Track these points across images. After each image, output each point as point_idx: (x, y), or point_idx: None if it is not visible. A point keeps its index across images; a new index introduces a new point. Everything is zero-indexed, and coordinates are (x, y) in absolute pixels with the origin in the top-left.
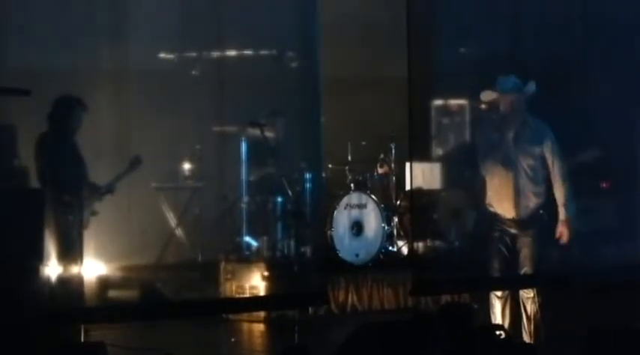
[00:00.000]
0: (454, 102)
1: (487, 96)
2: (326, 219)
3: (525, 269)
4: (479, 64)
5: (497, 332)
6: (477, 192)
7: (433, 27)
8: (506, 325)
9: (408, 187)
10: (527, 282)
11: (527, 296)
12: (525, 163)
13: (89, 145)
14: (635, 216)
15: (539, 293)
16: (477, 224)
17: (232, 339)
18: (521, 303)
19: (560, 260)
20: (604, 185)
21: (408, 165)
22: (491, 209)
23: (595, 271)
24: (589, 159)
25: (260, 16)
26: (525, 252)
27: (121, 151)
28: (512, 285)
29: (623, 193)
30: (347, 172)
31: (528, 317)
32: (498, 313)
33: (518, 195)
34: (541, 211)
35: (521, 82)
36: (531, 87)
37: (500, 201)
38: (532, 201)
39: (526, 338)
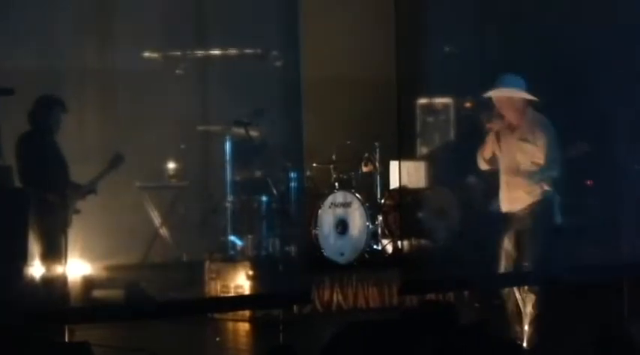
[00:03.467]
0: (439, 100)
1: (496, 93)
2: (310, 217)
3: (523, 265)
4: (465, 63)
5: (483, 330)
6: (466, 189)
7: (420, 26)
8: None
9: (392, 186)
10: (517, 281)
11: (526, 294)
12: (525, 158)
13: (73, 145)
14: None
15: (536, 292)
16: (468, 222)
17: (217, 339)
18: (518, 302)
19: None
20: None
21: (392, 163)
22: (490, 205)
23: (585, 269)
24: (578, 154)
25: (243, 15)
26: (524, 247)
27: (105, 151)
28: (501, 284)
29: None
30: (332, 171)
31: (525, 316)
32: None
33: (517, 190)
34: (539, 207)
35: (522, 79)
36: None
37: (501, 197)
38: (531, 196)
39: (523, 337)
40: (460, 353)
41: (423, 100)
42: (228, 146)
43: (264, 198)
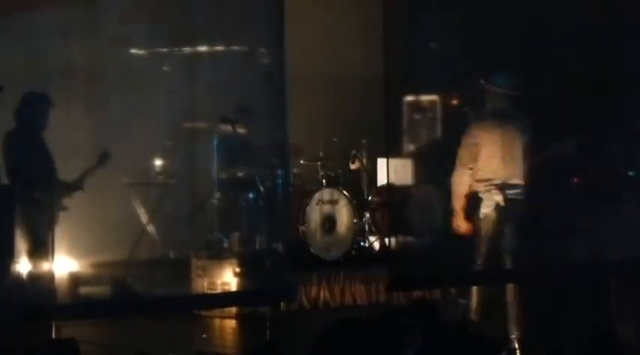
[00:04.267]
0: (426, 98)
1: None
2: (298, 214)
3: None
4: (452, 61)
5: (469, 327)
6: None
7: (407, 24)
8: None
9: (379, 183)
10: (505, 278)
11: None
12: (510, 153)
13: (60, 142)
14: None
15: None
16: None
17: (204, 335)
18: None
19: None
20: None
21: (379, 161)
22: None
23: (572, 268)
24: (566, 151)
25: (231, 12)
26: (506, 242)
27: (92, 147)
28: (489, 280)
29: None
30: (319, 168)
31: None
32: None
33: (504, 183)
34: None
35: (512, 77)
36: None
37: (488, 190)
38: (515, 190)
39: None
40: (444, 350)
41: (410, 98)
42: (215, 143)
43: (250, 195)
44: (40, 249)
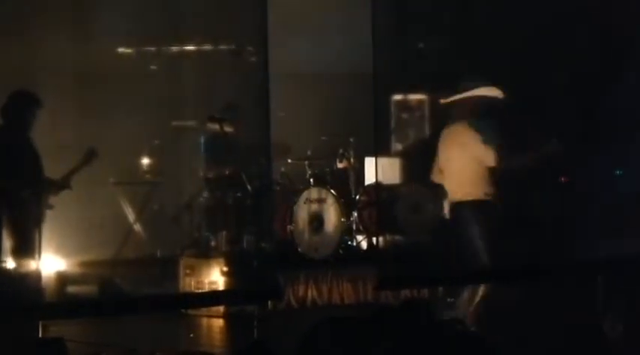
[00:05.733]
0: (414, 97)
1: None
2: (285, 213)
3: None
4: (440, 61)
5: (456, 326)
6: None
7: (396, 24)
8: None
9: (367, 182)
10: (492, 277)
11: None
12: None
13: (47, 140)
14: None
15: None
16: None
17: (191, 335)
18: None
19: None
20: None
21: (367, 160)
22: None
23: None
24: (550, 151)
25: (217, 11)
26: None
27: (79, 146)
28: (476, 280)
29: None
30: (307, 167)
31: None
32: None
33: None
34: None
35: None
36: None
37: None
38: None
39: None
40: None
41: (398, 97)
42: (202, 141)
43: (238, 194)
44: (27, 247)
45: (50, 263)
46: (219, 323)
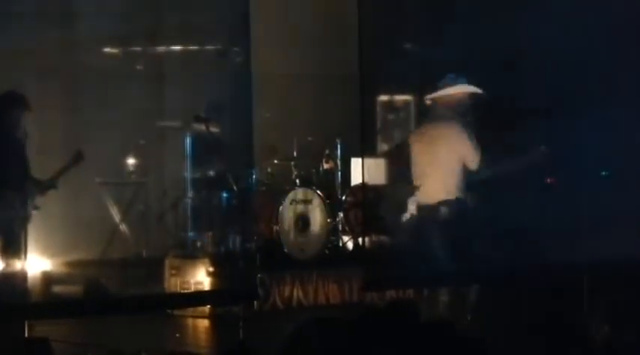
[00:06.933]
0: (400, 98)
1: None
2: (271, 214)
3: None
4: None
5: (445, 328)
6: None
7: (382, 24)
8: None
9: (353, 182)
10: (479, 278)
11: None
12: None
13: (33, 141)
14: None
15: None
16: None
17: (177, 335)
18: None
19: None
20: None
21: (353, 160)
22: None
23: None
24: (536, 158)
25: (202, 11)
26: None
27: (65, 147)
28: (463, 281)
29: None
30: (292, 168)
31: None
32: None
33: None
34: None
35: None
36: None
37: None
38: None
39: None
40: (418, 350)
41: (384, 98)
42: (188, 142)
43: (224, 195)
44: (13, 247)
45: (36, 263)
46: (204, 323)
